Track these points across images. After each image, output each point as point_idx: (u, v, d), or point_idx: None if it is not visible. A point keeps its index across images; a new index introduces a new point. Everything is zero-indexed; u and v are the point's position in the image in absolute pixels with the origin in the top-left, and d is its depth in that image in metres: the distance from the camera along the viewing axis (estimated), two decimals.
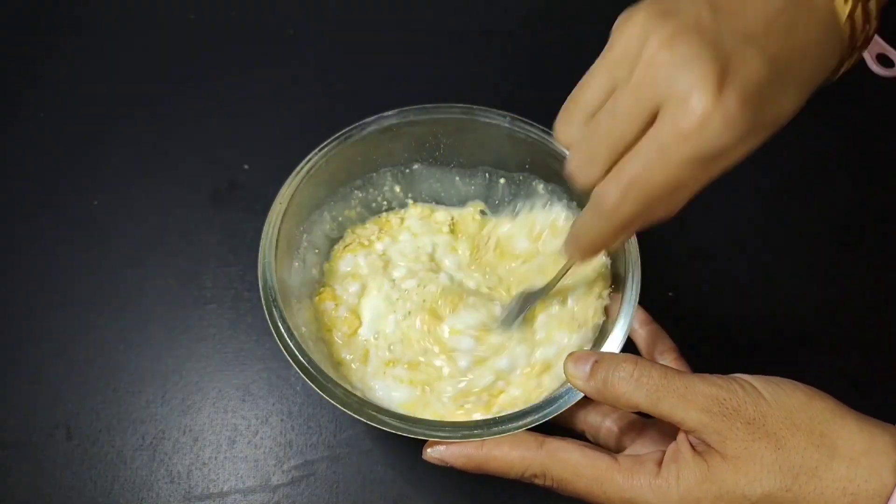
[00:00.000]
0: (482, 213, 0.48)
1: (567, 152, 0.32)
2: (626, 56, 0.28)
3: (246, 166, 0.58)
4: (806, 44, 0.29)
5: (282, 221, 0.40)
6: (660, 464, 0.31)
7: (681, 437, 0.32)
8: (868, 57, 0.63)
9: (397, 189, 0.48)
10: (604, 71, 0.30)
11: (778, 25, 0.28)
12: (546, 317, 0.42)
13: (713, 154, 0.27)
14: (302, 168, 0.42)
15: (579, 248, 0.34)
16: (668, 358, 0.40)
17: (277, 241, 0.39)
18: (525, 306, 0.41)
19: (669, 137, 0.27)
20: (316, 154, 0.43)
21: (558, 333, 0.42)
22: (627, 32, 0.29)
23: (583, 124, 0.31)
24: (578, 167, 0.31)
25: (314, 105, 0.62)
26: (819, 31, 0.29)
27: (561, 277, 0.40)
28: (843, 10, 0.30)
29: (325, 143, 0.43)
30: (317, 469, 0.46)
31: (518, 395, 0.41)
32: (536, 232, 0.45)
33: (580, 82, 0.31)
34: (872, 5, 0.30)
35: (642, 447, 0.36)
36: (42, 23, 0.67)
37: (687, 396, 0.31)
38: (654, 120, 0.28)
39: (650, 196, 0.29)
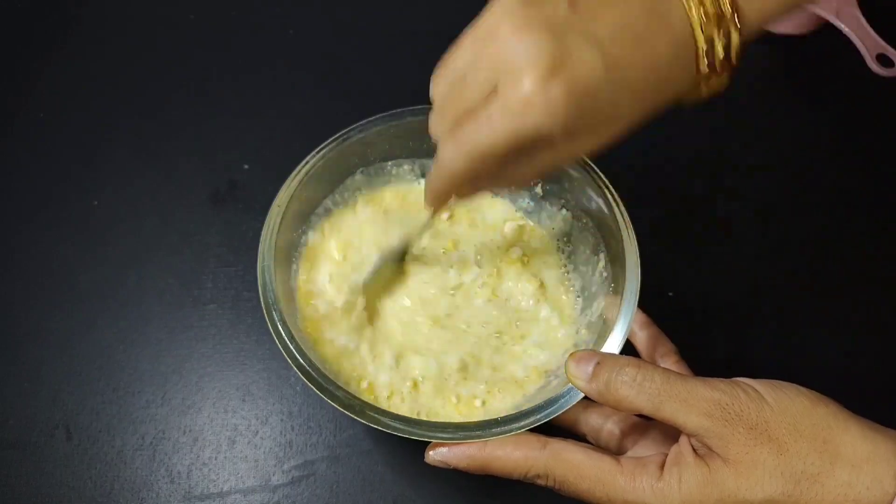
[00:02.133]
0: None
1: None
2: (486, 34, 0.31)
3: (246, 166, 0.58)
4: (654, 57, 0.30)
5: (280, 225, 0.40)
6: (662, 466, 0.32)
7: (683, 440, 0.32)
8: (868, 57, 0.63)
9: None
10: (469, 43, 0.32)
11: (628, 33, 0.30)
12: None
13: (531, 135, 0.30)
14: (300, 170, 0.42)
15: (427, 198, 0.37)
16: (669, 361, 0.40)
17: (276, 244, 0.39)
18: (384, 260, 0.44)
19: (496, 109, 0.30)
20: (314, 156, 0.43)
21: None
22: (493, 11, 0.31)
23: (448, 86, 0.33)
24: (433, 123, 0.34)
25: (314, 105, 0.62)
26: (670, 48, 0.31)
27: (427, 227, 0.43)
28: (699, 34, 0.31)
29: (323, 144, 0.43)
30: (317, 469, 0.46)
31: None
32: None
33: (452, 48, 0.33)
34: (733, 36, 0.32)
35: (644, 449, 0.36)
36: (42, 23, 0.67)
37: (689, 401, 0.31)
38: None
39: (476, 157, 0.31)
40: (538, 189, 0.47)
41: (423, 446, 0.35)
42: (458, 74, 0.32)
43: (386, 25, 0.67)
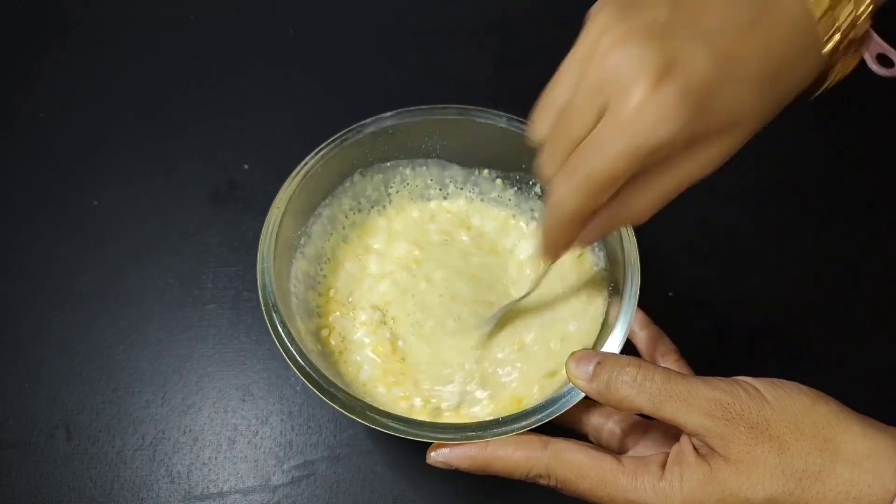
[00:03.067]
0: None
1: None
2: (586, 55, 0.29)
3: (246, 166, 0.58)
4: (770, 44, 0.29)
5: (279, 226, 0.40)
6: (663, 466, 0.31)
7: (684, 439, 0.32)
8: (868, 57, 0.63)
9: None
10: (570, 67, 0.30)
11: (737, 23, 0.28)
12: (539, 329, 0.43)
13: (650, 147, 0.28)
14: (298, 172, 0.42)
15: (543, 245, 0.34)
16: (669, 360, 0.40)
17: (276, 245, 0.39)
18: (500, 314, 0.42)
19: (609, 129, 0.28)
20: (312, 157, 0.43)
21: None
22: (590, 29, 0.29)
23: (554, 119, 0.31)
24: (542, 161, 0.32)
25: (314, 105, 0.62)
26: (787, 31, 0.29)
27: (539, 281, 0.40)
28: (817, 9, 0.29)
29: (322, 146, 0.43)
30: (317, 469, 0.46)
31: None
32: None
33: (552, 79, 0.31)
34: (857, 7, 0.30)
35: (645, 449, 0.36)
36: (42, 23, 0.67)
37: (690, 401, 0.31)
38: None
39: (593, 189, 0.29)
40: (538, 189, 0.47)
41: (423, 446, 0.35)
42: (562, 105, 0.30)
43: (386, 25, 0.67)
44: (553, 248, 0.34)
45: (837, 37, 0.30)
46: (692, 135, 0.28)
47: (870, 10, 0.30)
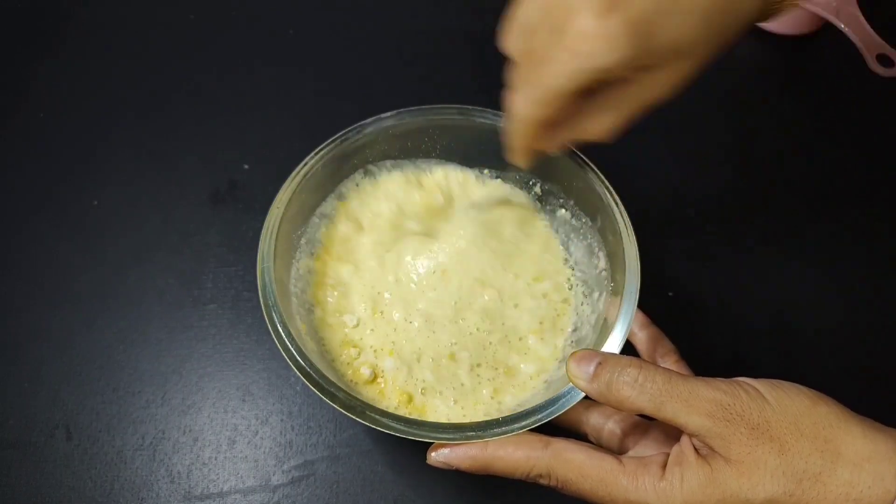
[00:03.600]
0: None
1: None
2: None
3: (246, 166, 0.58)
4: None
5: (279, 226, 0.40)
6: (664, 466, 0.32)
7: (684, 440, 0.32)
8: (868, 57, 0.63)
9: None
10: None
11: None
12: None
13: (594, 70, 0.30)
14: (298, 172, 0.42)
15: (510, 152, 0.37)
16: (669, 361, 0.40)
17: (275, 245, 0.39)
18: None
19: (559, 50, 0.30)
20: (312, 157, 0.43)
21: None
22: None
23: (520, 40, 0.34)
24: (513, 79, 0.35)
25: (314, 105, 0.62)
26: None
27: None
28: None
29: (322, 145, 0.43)
30: (317, 469, 0.46)
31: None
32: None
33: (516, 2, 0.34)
34: None
35: (646, 449, 0.36)
36: (42, 23, 0.67)
37: (690, 401, 0.31)
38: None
39: (545, 101, 0.32)
40: (538, 188, 0.47)
41: (423, 446, 0.35)
42: (525, 26, 0.33)
43: (386, 25, 0.67)
44: (519, 153, 0.37)
45: None
46: (637, 62, 0.30)
47: None
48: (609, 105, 0.34)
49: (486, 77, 0.64)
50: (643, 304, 0.39)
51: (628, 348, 0.39)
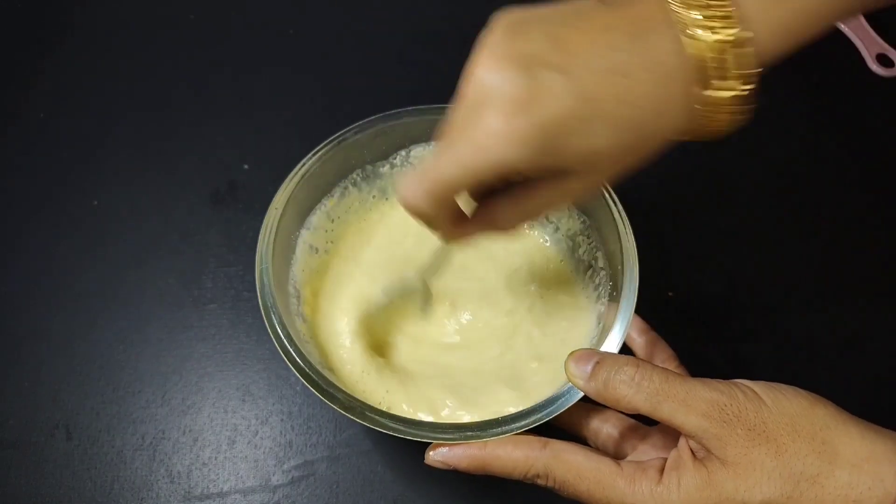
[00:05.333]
0: None
1: None
2: (470, 66, 0.30)
3: (246, 166, 0.58)
4: (631, 89, 0.29)
5: (278, 226, 0.40)
6: (662, 471, 0.31)
7: (682, 443, 0.32)
8: (868, 57, 0.63)
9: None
10: (464, 73, 0.31)
11: (606, 66, 0.29)
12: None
13: (492, 169, 0.29)
14: (297, 172, 0.42)
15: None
16: (669, 366, 0.40)
17: (274, 246, 0.39)
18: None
19: (463, 143, 0.30)
20: (311, 157, 0.43)
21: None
22: (482, 43, 0.30)
23: (453, 114, 0.32)
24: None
25: (314, 105, 0.62)
26: (655, 79, 0.29)
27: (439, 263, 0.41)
28: (691, 69, 0.29)
29: (321, 145, 0.43)
30: (317, 469, 0.46)
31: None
32: None
33: None
34: (733, 68, 0.29)
35: (644, 454, 0.36)
36: (42, 23, 0.67)
37: (687, 401, 0.31)
38: None
39: (435, 193, 0.31)
40: None
41: (423, 446, 0.35)
42: (459, 105, 0.31)
43: (386, 26, 0.67)
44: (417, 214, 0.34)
45: (713, 96, 0.29)
46: (541, 166, 0.29)
47: (745, 76, 0.29)
48: (513, 203, 0.33)
49: None
50: (642, 305, 0.39)
51: (627, 354, 0.39)
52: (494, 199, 0.34)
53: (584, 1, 0.30)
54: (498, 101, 0.28)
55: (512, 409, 0.36)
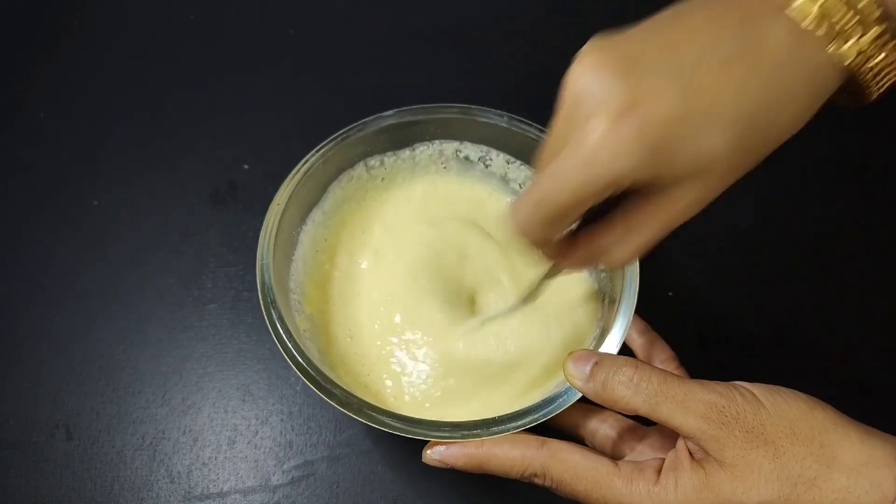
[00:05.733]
0: None
1: None
2: (568, 77, 0.29)
3: (246, 166, 0.58)
4: (746, 81, 0.27)
5: (279, 223, 0.40)
6: (659, 471, 0.31)
7: (680, 444, 0.32)
8: None
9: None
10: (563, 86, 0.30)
11: (714, 58, 0.27)
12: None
13: (603, 182, 0.27)
14: (299, 169, 0.42)
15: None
16: (668, 367, 0.40)
17: (275, 242, 0.39)
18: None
19: (567, 159, 0.28)
20: (313, 155, 0.43)
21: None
22: (580, 52, 0.29)
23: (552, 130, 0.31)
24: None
25: (314, 105, 0.62)
26: (771, 68, 0.27)
27: (529, 293, 0.41)
28: (811, 54, 0.27)
29: (323, 143, 0.43)
30: (317, 469, 0.46)
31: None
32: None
33: None
34: (864, 39, 0.28)
35: (642, 454, 0.36)
36: (42, 23, 0.67)
37: (686, 403, 0.31)
38: None
39: (550, 216, 0.29)
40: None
41: (423, 446, 0.35)
42: (558, 120, 0.30)
43: (386, 25, 0.67)
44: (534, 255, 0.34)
45: (849, 80, 0.28)
46: (653, 176, 0.27)
47: (870, 52, 0.28)
48: (628, 236, 0.31)
49: (487, 77, 0.64)
50: (643, 305, 0.39)
51: (626, 354, 0.39)
52: (599, 230, 0.32)
53: (680, 2, 0.29)
54: (600, 108, 0.26)
55: (509, 409, 0.36)
